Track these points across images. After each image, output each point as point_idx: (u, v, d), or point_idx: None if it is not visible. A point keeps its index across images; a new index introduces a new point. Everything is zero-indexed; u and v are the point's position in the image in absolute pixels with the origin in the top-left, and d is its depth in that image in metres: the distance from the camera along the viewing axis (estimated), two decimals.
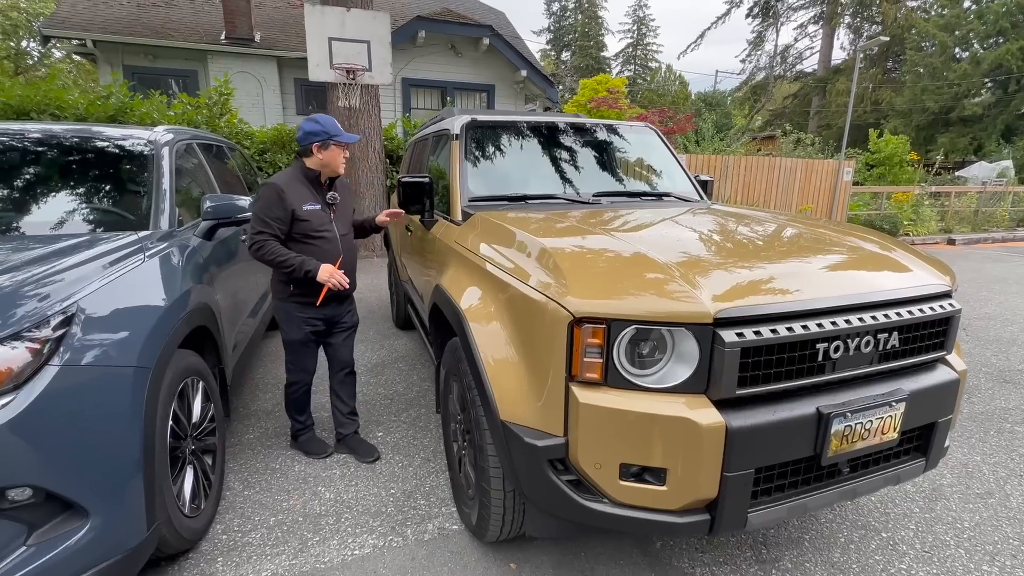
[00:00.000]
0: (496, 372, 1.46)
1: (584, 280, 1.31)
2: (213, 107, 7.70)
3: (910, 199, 11.93)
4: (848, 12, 27.10)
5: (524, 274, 1.49)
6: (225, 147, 3.91)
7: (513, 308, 1.49)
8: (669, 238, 1.70)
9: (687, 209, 2.37)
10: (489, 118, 2.75)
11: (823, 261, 1.53)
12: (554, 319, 1.28)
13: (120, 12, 10.00)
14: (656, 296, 1.24)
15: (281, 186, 2.12)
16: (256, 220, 2.12)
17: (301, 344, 2.33)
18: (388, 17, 7.24)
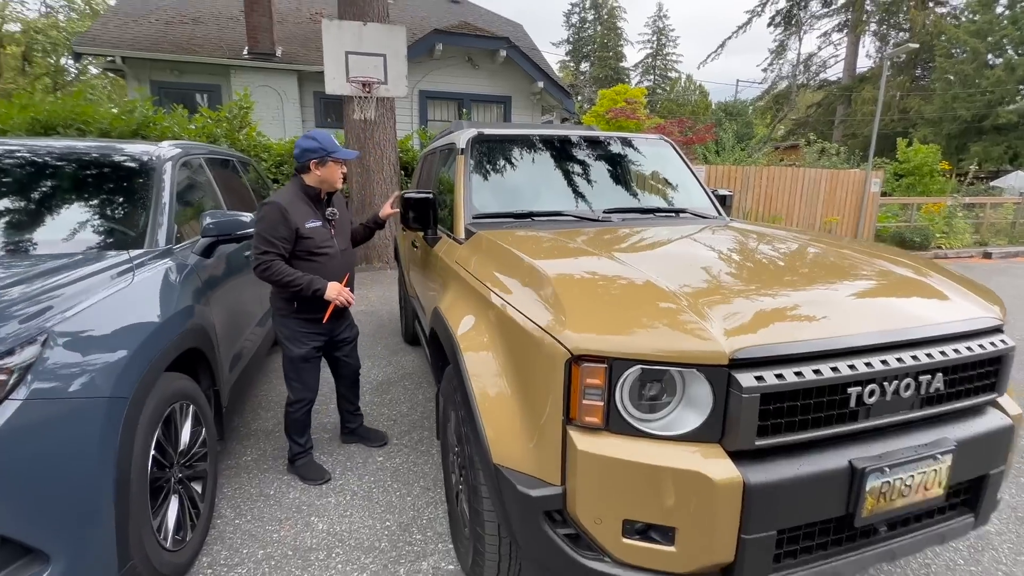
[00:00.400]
0: (489, 410, 1.34)
1: (584, 312, 1.19)
2: (233, 120, 7.83)
3: (942, 210, 11.46)
4: (874, 19, 26.54)
5: (521, 301, 1.38)
6: (236, 161, 3.91)
7: (508, 339, 1.37)
8: (681, 262, 1.57)
9: (703, 227, 2.23)
10: (496, 132, 2.66)
11: (853, 289, 1.38)
12: (550, 356, 1.16)
13: (148, 30, 10.31)
14: (664, 332, 1.11)
15: (284, 205, 2.10)
16: (260, 240, 2.09)
17: (304, 360, 2.30)
18: (404, 31, 7.28)
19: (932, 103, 23.53)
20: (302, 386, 2.34)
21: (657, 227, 2.19)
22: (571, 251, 1.68)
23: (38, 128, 6.25)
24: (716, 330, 1.10)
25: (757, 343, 1.08)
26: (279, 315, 2.28)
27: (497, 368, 1.40)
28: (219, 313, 2.35)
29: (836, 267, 1.55)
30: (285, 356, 2.32)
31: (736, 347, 1.07)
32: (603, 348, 1.09)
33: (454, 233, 2.32)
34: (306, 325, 2.28)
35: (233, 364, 2.53)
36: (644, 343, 1.09)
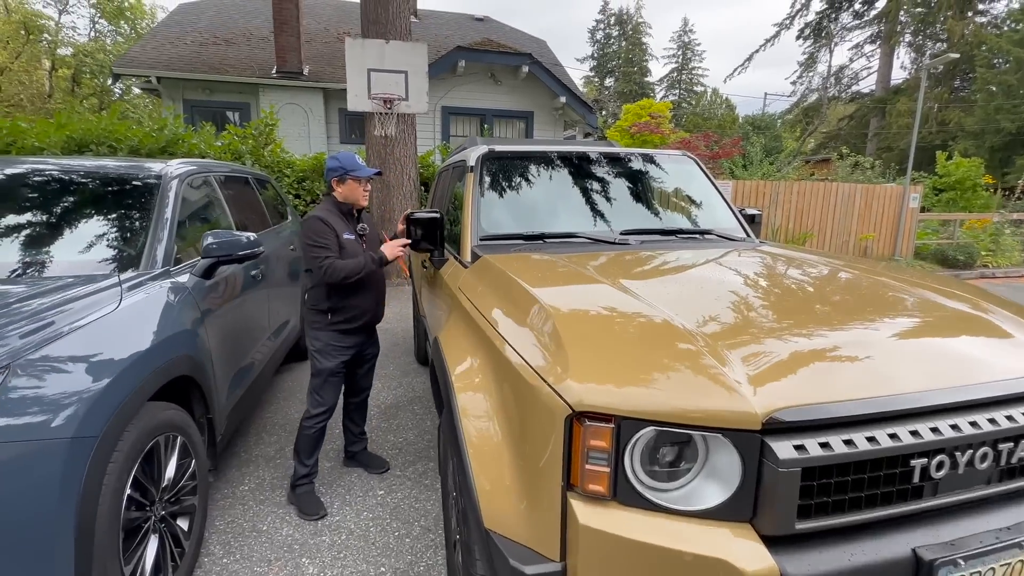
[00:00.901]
0: (482, 464, 1.19)
1: (590, 359, 1.03)
2: (259, 137, 7.98)
3: (987, 227, 10.84)
4: (909, 30, 25.80)
5: (519, 340, 1.23)
6: (252, 179, 3.89)
7: (504, 383, 1.22)
8: (705, 295, 1.39)
9: (729, 251, 2.04)
10: (508, 148, 2.54)
11: (906, 331, 1.18)
12: (548, 409, 1.00)
13: (184, 51, 10.69)
14: (683, 386, 0.94)
15: (323, 216, 2.22)
16: (313, 248, 2.18)
17: (331, 374, 2.33)
18: (425, 48, 7.31)
19: (973, 115, 22.58)
20: (323, 399, 2.34)
21: (679, 251, 2.01)
22: (579, 280, 1.52)
23: (72, 146, 6.46)
24: (746, 385, 0.93)
25: (797, 403, 0.90)
26: (313, 327, 2.34)
27: (492, 415, 1.24)
28: (218, 337, 2.26)
29: (883, 301, 1.35)
30: (313, 368, 2.35)
31: (771, 408, 0.89)
32: (610, 404, 0.93)
33: (461, 255, 2.19)
34: (339, 338, 2.32)
35: (233, 388, 2.44)
36: (659, 399, 0.92)
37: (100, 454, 1.35)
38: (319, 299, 2.28)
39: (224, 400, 2.30)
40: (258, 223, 3.62)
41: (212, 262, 2.28)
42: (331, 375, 2.33)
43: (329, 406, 2.35)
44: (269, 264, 3.33)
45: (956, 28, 23.08)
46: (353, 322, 2.32)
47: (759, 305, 1.33)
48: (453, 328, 1.76)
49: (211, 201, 2.85)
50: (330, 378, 2.33)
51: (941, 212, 14.50)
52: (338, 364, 2.33)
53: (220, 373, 2.25)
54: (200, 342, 2.04)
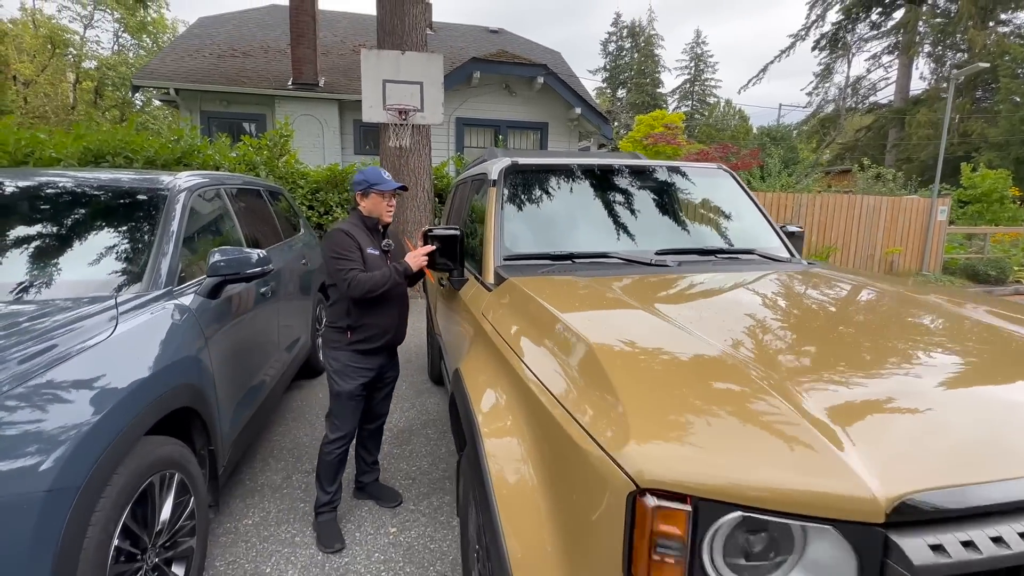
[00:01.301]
0: (514, 526, 1.01)
1: (654, 416, 0.85)
2: (273, 148, 7.96)
3: (1020, 240, 10.44)
4: (928, 41, 25.43)
5: (559, 385, 1.05)
6: (264, 191, 3.79)
7: (543, 435, 1.05)
8: (773, 332, 1.21)
9: (781, 275, 1.85)
10: (533, 161, 2.39)
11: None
12: (602, 481, 0.83)
13: (202, 63, 10.80)
14: (778, 457, 0.76)
15: (347, 229, 2.14)
16: (337, 261, 2.07)
17: (351, 397, 2.20)
18: (441, 59, 7.25)
19: (997, 126, 22.08)
20: (342, 423, 2.22)
21: (724, 275, 1.82)
22: (623, 310, 1.34)
23: (89, 156, 6.46)
24: (860, 458, 0.74)
25: (934, 484, 0.70)
26: (331, 347, 2.22)
27: (528, 466, 1.07)
28: (223, 360, 2.12)
29: (998, 346, 1.15)
30: (332, 391, 2.23)
31: (898, 492, 0.70)
32: (686, 479, 0.75)
33: (483, 276, 2.03)
34: (358, 359, 2.20)
35: (238, 414, 2.29)
36: (748, 475, 0.74)
37: (82, 505, 1.20)
38: (338, 316, 2.16)
39: (228, 428, 2.15)
40: (270, 236, 3.50)
41: (219, 281, 2.15)
42: (349, 398, 2.19)
43: (348, 431, 2.22)
44: (280, 279, 3.20)
45: (978, 38, 22.68)
46: (373, 341, 2.19)
47: (846, 347, 1.13)
48: (477, 359, 1.59)
49: (221, 215, 2.73)
50: (348, 401, 2.19)
51: (966, 225, 14.08)
52: (357, 387, 2.19)
53: (224, 400, 2.10)
54: (203, 368, 1.90)
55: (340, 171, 7.75)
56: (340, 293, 2.11)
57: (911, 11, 24.91)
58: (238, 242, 2.77)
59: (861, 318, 1.34)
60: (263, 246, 3.25)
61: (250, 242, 2.96)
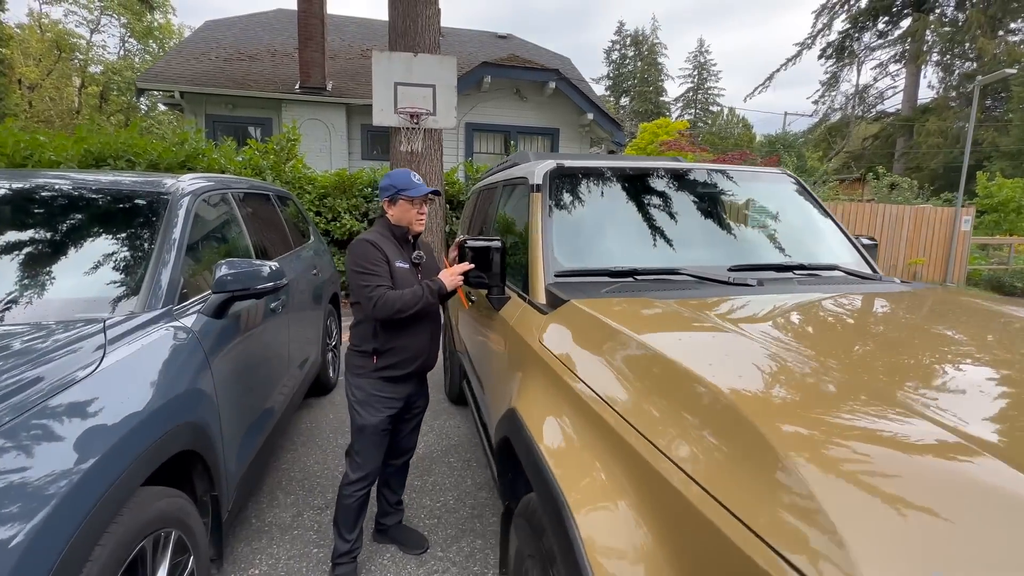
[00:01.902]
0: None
1: (885, 536, 0.57)
2: (280, 152, 7.74)
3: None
4: (936, 50, 25.30)
5: (690, 457, 0.78)
6: (273, 196, 3.54)
7: (674, 529, 0.77)
8: (980, 383, 0.92)
9: (899, 297, 1.58)
10: (581, 164, 2.12)
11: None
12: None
13: (208, 66, 10.63)
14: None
15: (372, 239, 1.88)
16: (362, 276, 1.82)
17: (376, 431, 1.93)
18: (454, 61, 7.03)
19: (1009, 135, 21.88)
20: (365, 461, 1.95)
21: (827, 297, 1.54)
22: (741, 345, 1.06)
23: (90, 160, 6.23)
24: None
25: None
26: (354, 374, 1.95)
27: (649, 562, 0.79)
28: (229, 389, 1.85)
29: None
30: (354, 425, 1.95)
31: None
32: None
33: (530, 296, 1.76)
34: (385, 387, 1.92)
35: (245, 449, 2.01)
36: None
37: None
38: (363, 338, 1.90)
39: (234, 467, 1.87)
40: (280, 245, 3.24)
41: (226, 297, 1.88)
42: (374, 433, 1.92)
43: (371, 470, 1.95)
44: (291, 291, 2.94)
45: (988, 47, 22.54)
46: (402, 367, 1.92)
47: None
48: (538, 398, 1.31)
49: (228, 221, 2.47)
50: (372, 436, 1.92)
51: (982, 236, 13.81)
52: (384, 419, 1.92)
53: (230, 435, 1.83)
54: (206, 402, 1.63)
55: (348, 176, 7.51)
56: (365, 313, 1.84)
57: (919, 20, 24.82)
58: (246, 252, 2.51)
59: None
60: (273, 255, 2.99)
61: (259, 251, 2.70)
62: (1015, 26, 23.42)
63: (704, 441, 0.81)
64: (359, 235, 1.90)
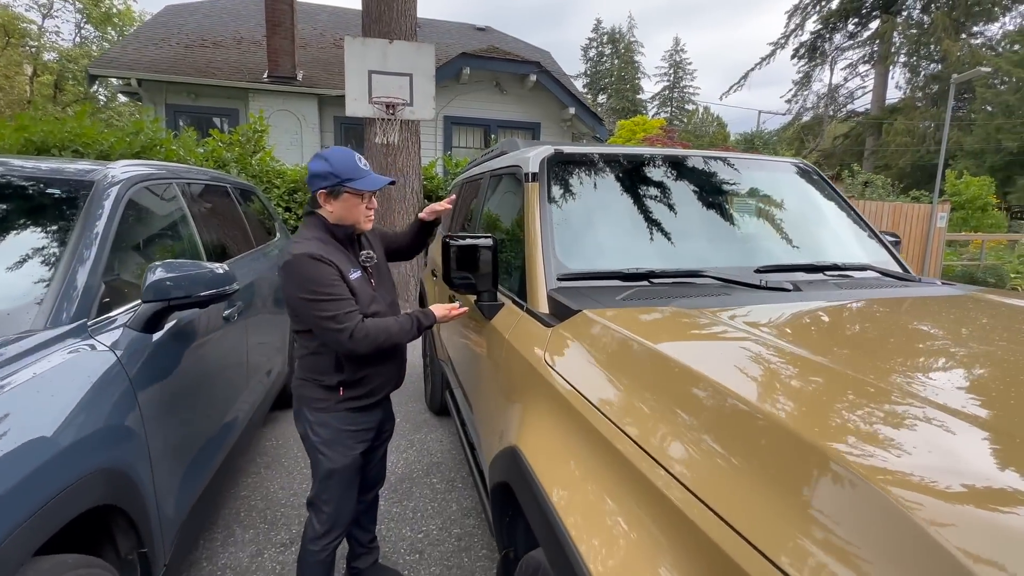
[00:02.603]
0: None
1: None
2: (246, 144, 7.27)
3: (1017, 247, 10.40)
4: (903, 51, 25.97)
5: (778, 542, 0.53)
6: (233, 189, 3.18)
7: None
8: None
9: (954, 299, 1.37)
10: (581, 150, 1.86)
11: None
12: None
13: (167, 53, 9.99)
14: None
15: (315, 252, 1.42)
16: (319, 304, 1.39)
17: (348, 473, 1.59)
18: (433, 49, 6.69)
19: (973, 134, 22.60)
20: (337, 511, 1.59)
21: (888, 304, 1.31)
22: (818, 373, 0.82)
23: (31, 149, 5.69)
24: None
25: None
26: (314, 410, 1.55)
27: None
28: (165, 422, 1.53)
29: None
30: (319, 471, 1.57)
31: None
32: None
33: (529, 303, 1.49)
34: (356, 418, 1.57)
35: (189, 487, 1.69)
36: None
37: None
38: (323, 371, 1.52)
39: (173, 512, 1.55)
40: (240, 243, 2.90)
41: (160, 307, 1.55)
42: (348, 475, 1.58)
43: (344, 521, 1.61)
44: (253, 294, 2.61)
45: (952, 48, 23.20)
46: (375, 395, 1.60)
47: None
48: (552, 440, 1.04)
49: (174, 217, 2.13)
50: (346, 480, 1.58)
51: (951, 232, 14.14)
52: (356, 457, 1.59)
53: (167, 475, 1.51)
54: (129, 441, 1.31)
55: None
56: (334, 347, 1.46)
57: (887, 21, 25.43)
58: (195, 252, 2.17)
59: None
60: (233, 255, 2.65)
61: (213, 252, 2.36)
62: (977, 29, 24.20)
63: (809, 533, 0.55)
64: (292, 247, 1.42)
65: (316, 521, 1.58)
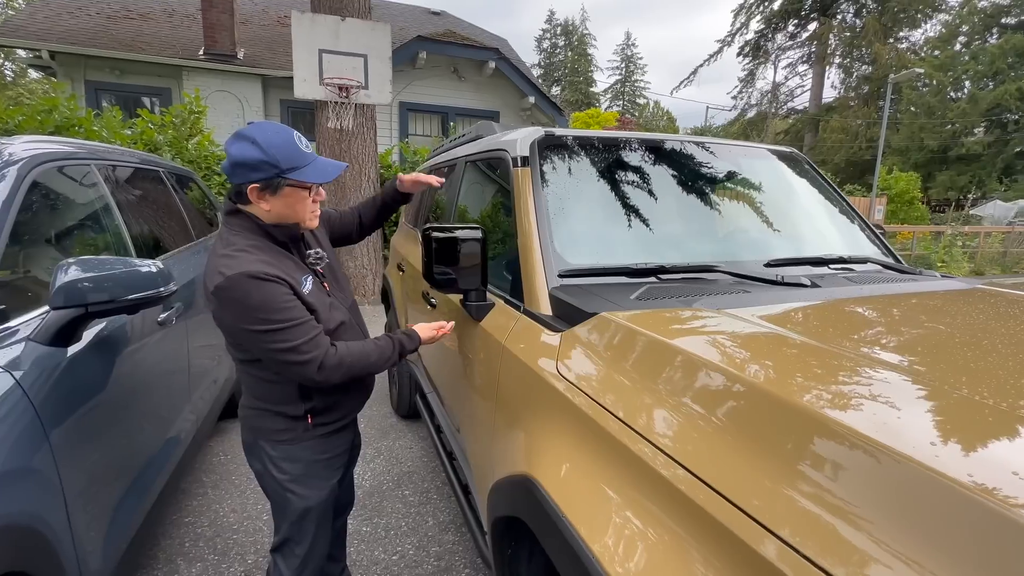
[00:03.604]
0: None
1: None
2: (181, 127, 6.63)
3: (943, 239, 11.22)
4: (838, 53, 27.47)
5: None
6: (167, 175, 2.81)
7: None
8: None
9: (970, 292, 1.31)
10: (573, 132, 1.70)
11: None
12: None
13: (86, 23, 8.99)
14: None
15: (256, 272, 1.09)
16: (274, 335, 1.10)
17: (324, 508, 1.33)
18: (388, 29, 6.33)
19: (899, 133, 24.27)
20: (310, 552, 1.33)
21: (906, 299, 1.23)
22: (908, 387, 0.70)
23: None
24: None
25: None
26: (275, 442, 1.26)
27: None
28: (88, 453, 1.25)
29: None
30: (289, 512, 1.29)
31: None
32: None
33: (526, 303, 1.32)
34: (329, 444, 1.32)
35: (120, 527, 1.41)
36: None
37: None
38: (284, 400, 1.24)
39: (100, 562, 1.28)
40: (178, 235, 2.56)
41: (75, 315, 1.26)
42: (321, 510, 1.33)
43: (317, 563, 1.37)
44: (193, 295, 2.29)
45: (882, 52, 24.76)
46: (348, 416, 1.38)
47: None
48: (574, 460, 0.88)
49: (94, 206, 1.80)
50: (320, 516, 1.33)
51: (896, 224, 15.13)
52: (334, 486, 1.36)
53: (90, 518, 1.23)
54: (40, 486, 1.04)
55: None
56: (298, 378, 1.18)
57: (824, 24, 26.76)
58: (122, 247, 1.85)
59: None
60: (168, 250, 2.32)
61: (144, 246, 2.03)
62: (903, 34, 25.91)
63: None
64: (222, 265, 1.09)
65: (285, 567, 1.33)
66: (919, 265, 10.59)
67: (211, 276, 1.10)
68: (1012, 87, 19.63)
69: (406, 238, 3.19)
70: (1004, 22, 22.41)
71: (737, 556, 0.59)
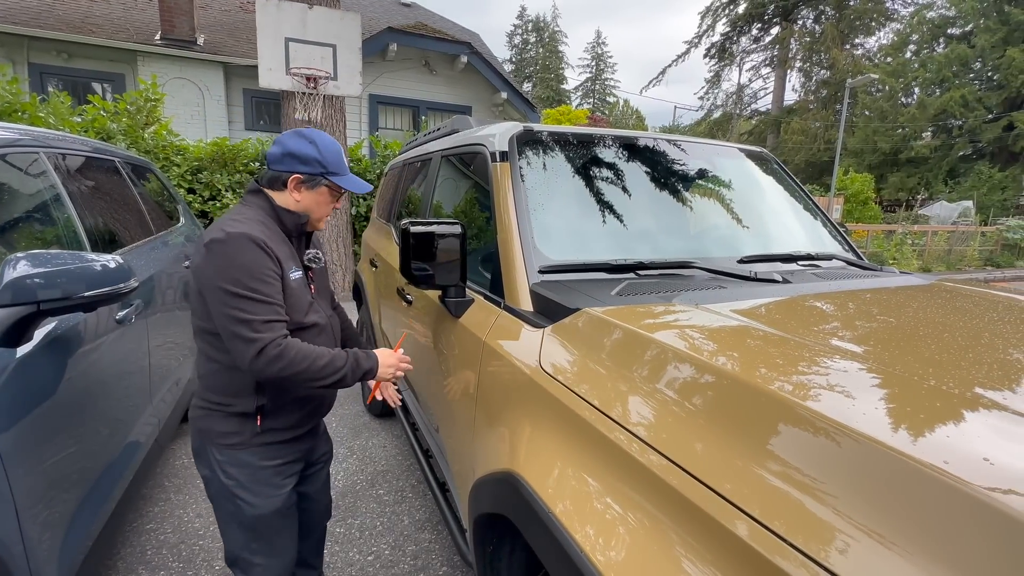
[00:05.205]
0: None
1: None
2: (136, 115, 6.30)
3: (895, 238, 11.81)
4: (799, 57, 28.47)
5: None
6: (123, 164, 2.66)
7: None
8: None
9: (933, 288, 1.37)
10: (551, 128, 1.69)
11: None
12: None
13: (29, 2, 8.43)
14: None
15: (256, 236, 1.14)
16: (243, 301, 1.09)
17: (282, 515, 1.28)
18: (358, 19, 6.19)
19: (855, 136, 25.37)
20: (271, 564, 1.29)
21: (875, 294, 1.28)
22: (881, 378, 0.72)
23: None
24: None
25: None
26: (222, 447, 1.22)
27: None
28: (41, 463, 1.17)
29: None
30: (239, 521, 1.25)
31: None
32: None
33: (507, 299, 1.31)
34: (279, 451, 1.26)
35: (78, 533, 1.34)
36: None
37: None
38: (235, 392, 1.19)
39: (55, 573, 1.20)
40: (136, 229, 2.43)
41: (25, 313, 1.18)
42: (277, 520, 1.27)
43: (284, 567, 1.32)
44: (153, 291, 2.18)
45: (839, 57, 25.80)
46: (301, 426, 1.31)
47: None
48: (560, 456, 0.88)
49: (43, 198, 1.69)
50: (277, 524, 1.27)
51: (855, 223, 15.82)
52: (290, 493, 1.30)
53: (43, 534, 1.16)
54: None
55: (230, 147, 6.33)
56: (237, 359, 1.11)
57: (786, 28, 27.67)
58: (75, 241, 1.74)
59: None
60: (125, 244, 2.20)
61: (100, 240, 1.92)
62: (859, 41, 27.06)
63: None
64: (227, 224, 1.13)
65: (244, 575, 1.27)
66: (873, 261, 11.12)
67: (212, 232, 1.13)
68: (956, 94, 20.80)
69: (378, 233, 3.13)
70: (950, 32, 23.70)
71: (713, 537, 0.61)
